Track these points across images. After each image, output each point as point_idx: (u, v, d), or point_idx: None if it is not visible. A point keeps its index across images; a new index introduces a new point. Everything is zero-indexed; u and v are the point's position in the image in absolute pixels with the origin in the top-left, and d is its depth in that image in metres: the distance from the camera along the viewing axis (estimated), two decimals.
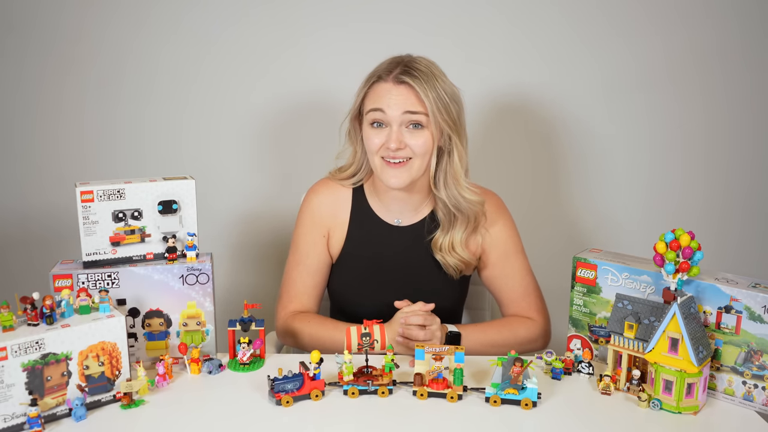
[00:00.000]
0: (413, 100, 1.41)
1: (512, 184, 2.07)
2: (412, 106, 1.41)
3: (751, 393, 1.22)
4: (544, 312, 1.58)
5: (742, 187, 2.08)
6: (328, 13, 1.96)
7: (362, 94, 1.47)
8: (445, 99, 1.42)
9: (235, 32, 1.98)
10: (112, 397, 1.21)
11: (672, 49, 1.99)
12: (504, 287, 1.58)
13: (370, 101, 1.44)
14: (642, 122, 2.04)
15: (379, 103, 1.42)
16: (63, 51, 1.97)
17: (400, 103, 1.41)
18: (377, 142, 1.43)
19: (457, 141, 1.46)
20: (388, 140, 1.41)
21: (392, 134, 1.41)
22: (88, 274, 1.30)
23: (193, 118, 2.03)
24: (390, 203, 1.55)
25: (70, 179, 1.57)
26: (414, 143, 1.42)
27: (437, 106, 1.40)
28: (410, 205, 1.55)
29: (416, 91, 1.40)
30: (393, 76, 1.42)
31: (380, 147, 1.43)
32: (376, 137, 1.43)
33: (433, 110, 1.40)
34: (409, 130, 1.43)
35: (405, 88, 1.41)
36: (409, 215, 1.56)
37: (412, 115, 1.41)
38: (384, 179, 1.45)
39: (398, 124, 1.41)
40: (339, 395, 1.25)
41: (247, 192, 2.08)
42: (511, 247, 1.57)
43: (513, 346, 1.44)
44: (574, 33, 1.98)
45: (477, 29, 1.98)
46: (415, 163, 1.44)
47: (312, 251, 1.56)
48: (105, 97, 2.01)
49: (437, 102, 1.40)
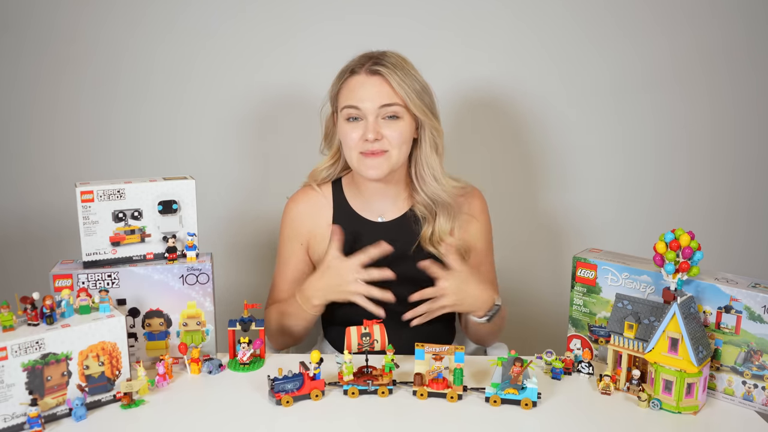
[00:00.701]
0: (388, 91, 1.42)
1: (513, 182, 2.07)
2: (387, 98, 1.42)
3: (750, 393, 1.22)
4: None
5: (748, 187, 2.08)
6: (324, 7, 1.96)
7: (335, 90, 1.49)
8: (418, 88, 1.44)
9: (231, 29, 1.97)
10: (112, 397, 1.21)
11: (678, 48, 1.98)
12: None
13: (344, 97, 1.46)
14: (647, 122, 2.04)
15: (354, 97, 1.43)
16: (58, 50, 1.97)
17: (375, 95, 1.42)
18: (355, 137, 1.44)
19: (433, 130, 1.47)
20: (366, 131, 1.42)
21: (369, 125, 1.42)
22: (88, 274, 1.30)
23: (190, 117, 2.03)
24: (371, 198, 1.56)
25: (66, 179, 1.58)
26: (390, 134, 1.43)
27: (412, 96, 1.42)
28: (390, 198, 1.56)
29: (389, 82, 1.42)
30: (365, 69, 1.44)
31: (357, 141, 1.44)
32: (352, 132, 1.44)
33: (408, 99, 1.42)
34: (386, 121, 1.44)
35: (378, 79, 1.42)
36: (391, 210, 1.56)
37: (388, 107, 1.42)
38: (362, 172, 1.46)
39: (374, 116, 1.43)
40: (339, 395, 1.25)
41: (248, 191, 2.08)
42: (486, 246, 1.62)
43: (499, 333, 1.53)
44: (580, 31, 1.98)
45: (480, 24, 1.98)
46: (392, 154, 1.45)
47: (291, 260, 1.59)
48: (101, 97, 2.00)
49: (412, 91, 1.42)
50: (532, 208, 2.10)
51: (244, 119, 2.04)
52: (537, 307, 2.10)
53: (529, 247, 2.09)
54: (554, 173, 2.09)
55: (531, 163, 2.08)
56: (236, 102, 2.02)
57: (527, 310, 2.06)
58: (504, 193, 2.00)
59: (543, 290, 2.08)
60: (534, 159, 2.08)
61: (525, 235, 2.08)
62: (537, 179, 2.09)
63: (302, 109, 2.01)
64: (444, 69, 1.49)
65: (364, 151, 1.44)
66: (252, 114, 2.03)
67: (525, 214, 2.09)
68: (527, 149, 2.07)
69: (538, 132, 2.06)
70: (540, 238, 2.11)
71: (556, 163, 2.07)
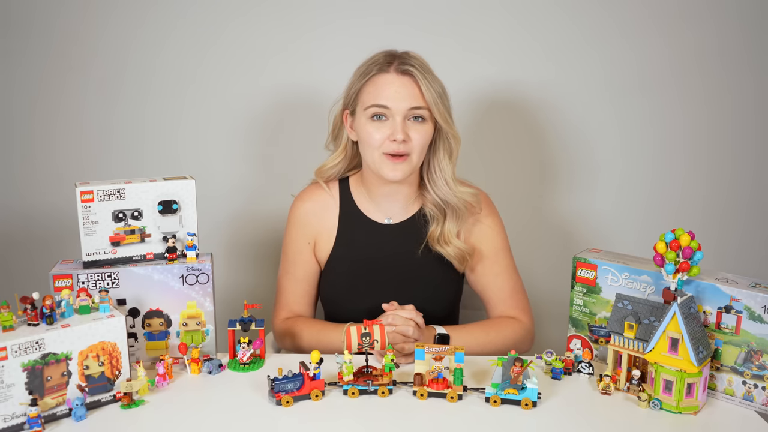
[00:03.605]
0: (416, 93, 1.41)
1: (511, 182, 2.07)
2: (416, 101, 1.41)
3: (751, 393, 1.22)
4: (530, 312, 1.59)
5: (744, 187, 2.08)
6: (328, 10, 1.96)
7: (358, 86, 1.46)
8: (441, 92, 1.44)
9: (234, 31, 1.97)
10: (112, 397, 1.21)
11: (674, 49, 1.99)
12: (493, 286, 1.57)
13: (369, 95, 1.43)
14: (644, 122, 2.04)
15: (382, 96, 1.41)
16: (62, 51, 1.97)
17: (406, 96, 1.41)
18: (379, 137, 1.42)
19: (451, 136, 1.47)
20: (394, 132, 1.40)
21: (397, 126, 1.40)
22: (88, 274, 1.30)
23: (192, 118, 2.03)
24: (380, 200, 1.55)
25: (69, 179, 1.57)
26: (415, 137, 1.42)
27: (438, 100, 1.42)
28: (400, 201, 1.54)
29: (419, 84, 1.41)
30: (395, 67, 1.42)
31: (383, 141, 1.42)
32: (377, 132, 1.43)
33: (433, 104, 1.41)
34: (412, 123, 1.43)
35: (409, 79, 1.41)
36: (399, 212, 1.55)
37: (416, 110, 1.42)
38: (384, 172, 1.45)
39: (402, 117, 1.41)
40: (339, 395, 1.25)
41: (248, 192, 2.08)
42: (500, 245, 1.58)
43: (500, 347, 1.46)
44: (578, 31, 1.98)
45: (477, 25, 1.98)
46: (413, 158, 1.44)
47: (299, 259, 1.57)
48: (105, 97, 2.00)
49: (438, 96, 1.42)
50: (532, 208, 2.10)
51: (244, 120, 2.04)
52: (537, 307, 2.10)
53: (530, 246, 2.09)
54: (554, 174, 2.09)
55: (531, 164, 2.08)
56: (237, 102, 2.02)
57: None
58: (504, 193, 1.99)
59: (543, 290, 2.07)
60: (533, 160, 2.08)
61: (525, 235, 2.08)
62: (537, 180, 2.09)
63: (303, 110, 2.01)
64: (445, 70, 1.49)
65: (389, 152, 1.42)
66: (253, 115, 2.03)
67: (524, 215, 2.09)
68: (526, 150, 2.07)
69: (536, 133, 2.06)
70: (540, 237, 2.10)
71: (556, 163, 2.07)
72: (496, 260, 1.57)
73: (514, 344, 1.48)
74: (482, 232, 1.56)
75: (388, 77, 1.42)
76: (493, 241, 1.57)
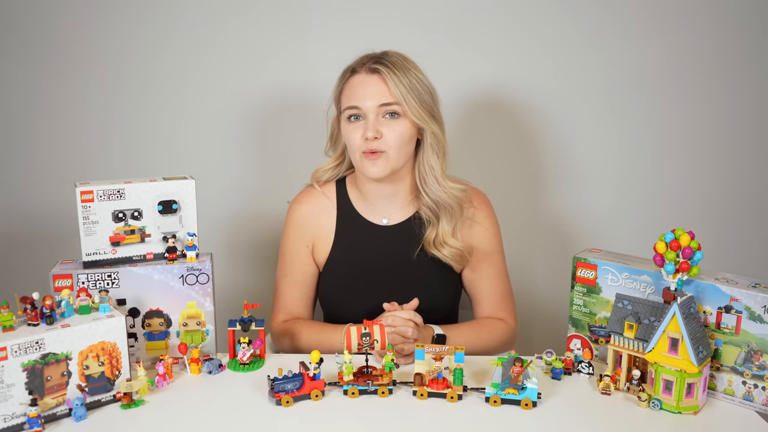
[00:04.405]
0: (384, 90, 1.42)
1: (509, 182, 2.07)
2: (384, 97, 1.42)
3: (751, 393, 1.22)
4: (516, 315, 1.61)
5: (743, 187, 2.08)
6: (327, 10, 1.96)
7: (338, 90, 1.49)
8: (418, 88, 1.43)
9: (233, 31, 1.98)
10: (112, 397, 1.21)
11: (672, 48, 1.99)
12: (485, 288, 1.58)
13: (345, 97, 1.46)
14: (642, 121, 2.04)
15: (354, 97, 1.44)
16: (63, 51, 1.97)
17: (374, 93, 1.42)
18: (356, 138, 1.44)
19: (434, 132, 1.46)
20: (366, 130, 1.42)
21: (368, 124, 1.42)
22: (88, 274, 1.30)
23: (193, 118, 2.03)
24: (375, 200, 1.55)
25: (69, 179, 1.57)
26: (388, 134, 1.43)
27: (409, 96, 1.42)
28: (395, 202, 1.55)
29: (386, 81, 1.42)
30: (366, 67, 1.44)
31: (360, 141, 1.44)
32: (354, 132, 1.44)
33: (403, 99, 1.41)
34: (386, 120, 1.44)
35: (377, 77, 1.43)
36: (396, 213, 1.56)
37: (387, 106, 1.42)
38: (364, 171, 1.46)
39: (374, 115, 1.43)
40: (339, 395, 1.25)
41: (248, 192, 2.08)
42: (496, 247, 1.59)
43: (488, 348, 1.48)
44: (575, 30, 1.98)
45: (473, 25, 1.98)
46: (390, 155, 1.44)
47: (296, 261, 1.58)
48: (105, 97, 2.00)
49: (410, 91, 1.42)
50: (532, 208, 2.10)
51: (245, 120, 2.04)
52: (537, 307, 2.11)
53: (529, 247, 2.09)
54: (553, 174, 2.09)
55: (530, 164, 2.08)
56: (238, 103, 2.02)
57: (527, 309, 2.06)
58: (502, 193, 1.99)
59: (543, 290, 2.08)
60: (532, 160, 2.08)
61: (525, 235, 2.08)
62: (536, 180, 2.09)
63: (303, 110, 2.01)
64: (442, 70, 1.49)
65: (365, 150, 1.44)
66: (253, 115, 2.03)
67: (524, 215, 2.09)
68: (525, 150, 2.07)
69: (535, 133, 2.06)
70: (540, 238, 2.10)
71: (556, 163, 2.07)
72: (492, 263, 1.58)
73: (502, 346, 1.52)
74: (480, 234, 1.57)
75: (359, 78, 1.44)
76: (490, 243, 1.58)
